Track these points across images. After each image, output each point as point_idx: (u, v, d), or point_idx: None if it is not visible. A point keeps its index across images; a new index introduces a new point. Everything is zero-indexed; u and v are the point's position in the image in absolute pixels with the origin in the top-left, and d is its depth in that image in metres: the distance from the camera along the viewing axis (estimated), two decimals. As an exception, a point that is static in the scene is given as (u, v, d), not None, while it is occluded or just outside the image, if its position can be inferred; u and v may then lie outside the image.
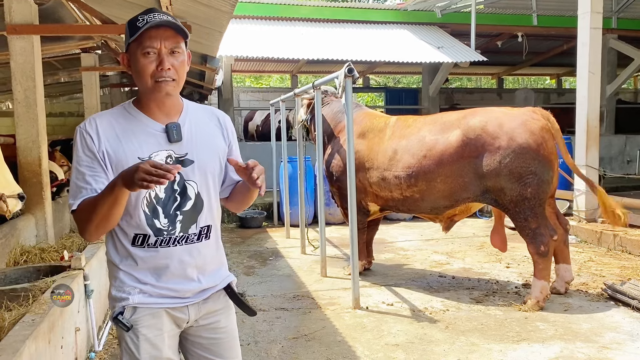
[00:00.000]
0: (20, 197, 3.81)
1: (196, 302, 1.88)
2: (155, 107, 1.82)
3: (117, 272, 1.84)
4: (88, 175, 1.74)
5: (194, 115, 1.91)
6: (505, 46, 13.56)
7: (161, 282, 1.82)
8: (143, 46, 1.73)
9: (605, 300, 4.76)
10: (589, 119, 7.35)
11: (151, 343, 1.81)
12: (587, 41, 7.31)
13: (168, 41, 1.75)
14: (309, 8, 12.47)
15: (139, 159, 1.73)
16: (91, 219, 1.71)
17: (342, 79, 4.73)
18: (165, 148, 1.79)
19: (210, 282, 1.90)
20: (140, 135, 1.79)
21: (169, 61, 1.75)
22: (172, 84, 1.77)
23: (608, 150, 11.69)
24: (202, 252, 1.87)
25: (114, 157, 1.75)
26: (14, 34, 4.60)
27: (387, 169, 5.16)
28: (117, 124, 1.80)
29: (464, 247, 7.03)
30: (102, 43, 7.41)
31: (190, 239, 1.83)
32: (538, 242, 4.57)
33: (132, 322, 1.79)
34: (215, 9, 5.19)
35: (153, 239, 1.79)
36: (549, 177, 4.64)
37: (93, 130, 1.77)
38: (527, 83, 26.85)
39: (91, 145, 1.75)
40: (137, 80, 1.79)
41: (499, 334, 4.06)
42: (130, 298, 1.80)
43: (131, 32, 1.74)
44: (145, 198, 1.77)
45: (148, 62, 1.74)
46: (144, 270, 1.81)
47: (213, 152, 1.89)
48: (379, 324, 4.32)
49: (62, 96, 15.10)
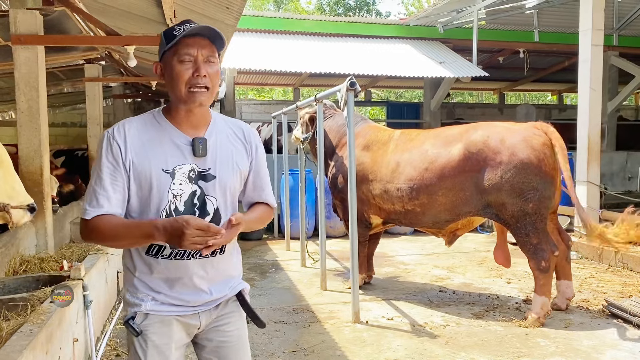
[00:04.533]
0: (30, 209, 3.67)
1: (207, 309, 1.90)
2: (185, 117, 1.83)
3: (132, 278, 1.86)
4: (108, 183, 1.75)
5: (221, 128, 1.91)
6: (507, 62, 13.61)
7: (174, 292, 1.83)
8: (179, 53, 1.75)
9: (607, 317, 4.73)
10: (590, 135, 7.36)
11: (159, 350, 1.82)
12: (588, 58, 7.35)
13: (204, 49, 1.77)
14: (311, 22, 12.55)
15: (162, 171, 1.76)
16: (106, 240, 1.78)
17: (344, 92, 4.75)
18: (190, 162, 1.80)
19: (221, 292, 1.92)
20: (166, 146, 1.80)
21: (205, 69, 1.76)
22: (205, 94, 1.78)
23: (609, 167, 11.68)
24: (215, 267, 1.88)
25: (138, 167, 1.76)
26: (18, 44, 4.62)
27: (389, 181, 5.17)
28: (145, 133, 1.80)
29: (464, 262, 7.00)
30: (106, 54, 7.46)
31: (205, 254, 1.81)
32: (539, 258, 4.56)
33: (142, 327, 1.81)
34: (219, 22, 5.22)
35: (168, 251, 1.81)
36: (551, 193, 4.63)
37: (121, 138, 1.77)
38: (528, 99, 26.92)
39: (117, 154, 1.75)
40: (171, 88, 1.80)
41: (499, 350, 4.03)
42: (143, 305, 1.82)
43: (167, 41, 1.77)
44: (165, 210, 1.79)
45: (184, 69, 1.75)
46: (157, 279, 1.83)
47: (235, 169, 1.90)
48: (379, 339, 4.29)
49: (65, 106, 15.16)
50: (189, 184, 1.79)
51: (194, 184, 1.80)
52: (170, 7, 4.64)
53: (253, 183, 2.00)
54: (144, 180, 1.75)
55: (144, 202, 1.79)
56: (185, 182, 1.79)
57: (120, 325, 4.58)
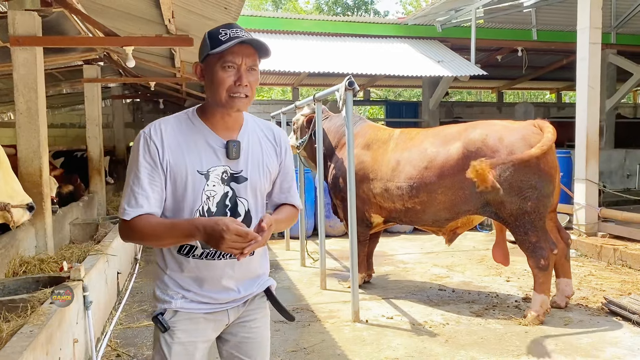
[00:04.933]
0: (29, 208, 3.77)
1: (236, 306, 1.95)
2: (220, 120, 1.85)
3: (162, 275, 1.89)
4: (146, 183, 1.77)
5: (252, 130, 1.94)
6: (505, 60, 13.62)
7: (203, 290, 1.87)
8: (224, 60, 1.76)
9: (606, 314, 4.74)
10: (588, 133, 7.37)
11: (184, 347, 1.86)
12: (586, 56, 7.36)
13: (249, 58, 1.78)
14: (310, 22, 12.55)
15: (198, 173, 1.79)
16: (145, 240, 1.82)
17: (343, 92, 4.75)
18: (223, 164, 1.84)
19: (249, 290, 1.96)
20: (201, 148, 1.82)
21: (247, 78, 1.79)
22: (244, 101, 1.81)
23: (608, 165, 11.68)
24: (244, 267, 1.91)
25: (175, 167, 1.79)
26: (17, 45, 4.63)
27: (390, 180, 5.18)
28: (181, 134, 1.83)
29: (464, 261, 7.01)
30: (105, 55, 7.46)
31: (235, 255, 1.81)
32: (538, 256, 4.57)
33: (170, 324, 1.85)
34: (217, 22, 5.23)
35: (199, 251, 1.84)
36: (549, 191, 4.64)
37: (158, 138, 1.79)
38: (527, 97, 26.94)
39: (154, 154, 1.78)
40: (211, 91, 1.82)
41: (498, 348, 4.03)
42: (173, 302, 1.86)
43: (212, 44, 1.76)
44: (198, 211, 1.82)
45: (227, 76, 1.77)
46: (187, 277, 1.87)
47: (265, 172, 1.94)
48: (379, 338, 4.30)
49: (64, 107, 15.16)
50: (221, 186, 1.83)
51: (227, 185, 1.84)
52: (168, 8, 4.65)
53: (280, 185, 2.04)
54: (179, 180, 1.79)
55: (179, 202, 1.82)
56: (218, 183, 1.83)
57: (120, 326, 4.59)
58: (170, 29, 5.35)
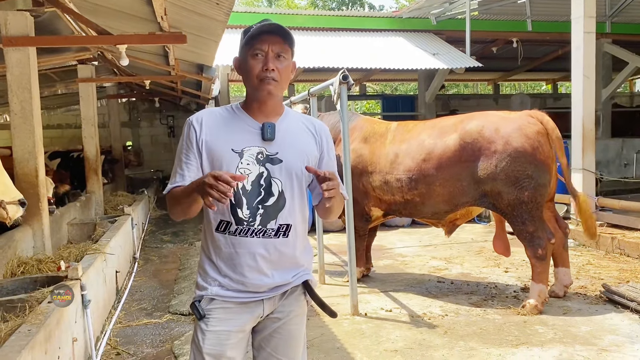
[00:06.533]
0: (21, 204, 3.80)
1: (271, 296, 1.96)
2: (257, 107, 1.96)
3: (204, 260, 1.99)
4: (183, 163, 1.94)
5: (292, 120, 2.04)
6: (501, 52, 13.61)
7: (237, 273, 1.91)
8: (253, 49, 1.90)
9: (604, 303, 4.75)
10: (584, 123, 7.37)
11: (217, 336, 1.92)
12: (580, 45, 7.35)
13: (275, 46, 1.90)
14: (304, 17, 12.54)
15: (232, 150, 1.91)
16: (174, 207, 1.94)
17: (337, 86, 4.74)
18: (258, 145, 1.93)
19: (283, 279, 1.97)
20: (238, 130, 1.94)
21: (274, 63, 1.89)
22: (273, 83, 1.90)
23: (605, 154, 11.70)
24: (278, 249, 1.94)
25: (211, 145, 1.92)
26: (9, 46, 4.62)
27: (389, 172, 5.18)
28: (221, 119, 1.98)
29: (462, 253, 7.03)
30: (99, 54, 7.43)
31: (268, 234, 1.91)
32: (536, 246, 4.58)
33: (206, 311, 1.92)
34: (209, 18, 5.22)
35: (234, 227, 1.91)
36: (546, 181, 4.65)
37: (198, 122, 1.95)
38: (523, 89, 26.95)
39: (192, 136, 1.93)
40: (246, 79, 1.95)
41: (498, 338, 4.05)
42: (209, 289, 1.93)
43: (245, 38, 1.92)
44: (233, 188, 1.85)
45: (255, 63, 1.90)
46: (223, 259, 1.93)
47: (302, 156, 1.97)
48: (378, 330, 4.30)
49: (59, 108, 15.14)
50: (256, 165, 1.91)
51: (262, 166, 1.92)
52: (160, 5, 4.63)
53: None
54: (215, 159, 1.91)
55: None
56: (253, 163, 1.91)
57: (120, 325, 4.60)
58: (163, 26, 5.33)
